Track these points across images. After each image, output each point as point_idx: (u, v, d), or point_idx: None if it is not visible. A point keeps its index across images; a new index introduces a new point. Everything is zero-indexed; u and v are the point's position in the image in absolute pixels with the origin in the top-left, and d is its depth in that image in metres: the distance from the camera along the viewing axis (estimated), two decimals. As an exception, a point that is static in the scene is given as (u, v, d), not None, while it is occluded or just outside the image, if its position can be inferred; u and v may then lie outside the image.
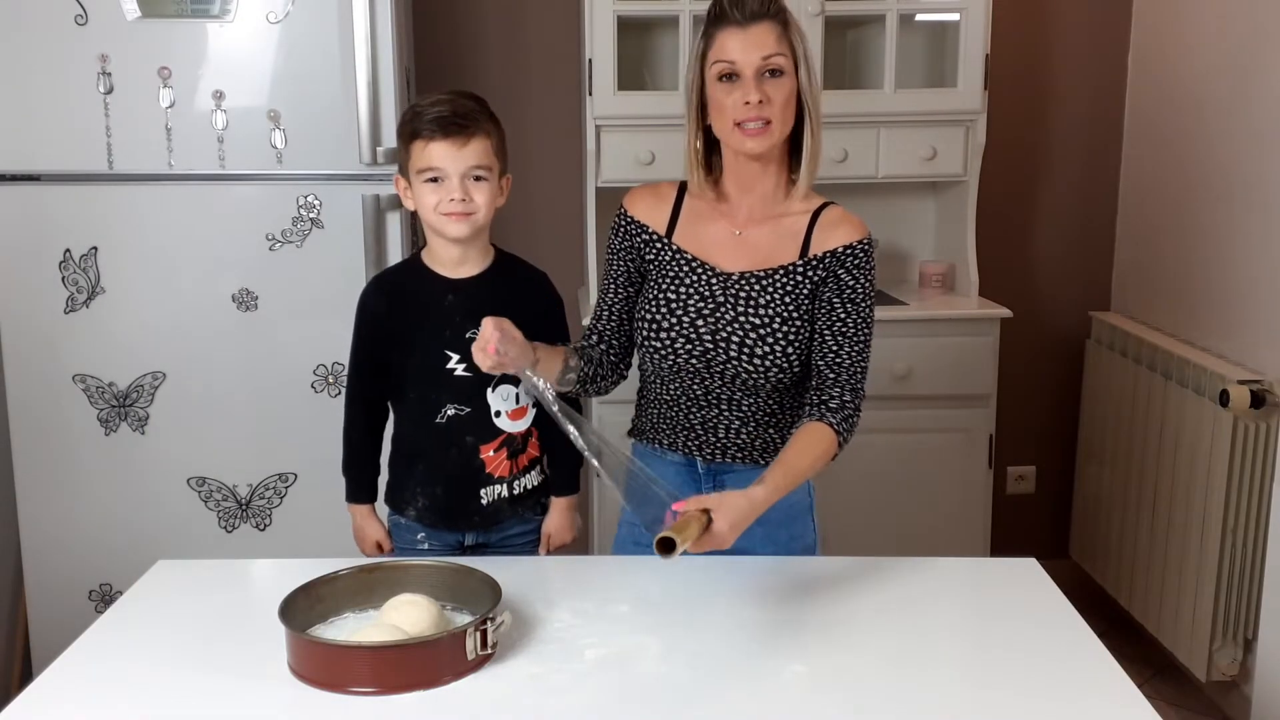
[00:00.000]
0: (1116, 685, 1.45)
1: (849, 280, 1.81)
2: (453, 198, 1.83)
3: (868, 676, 1.48)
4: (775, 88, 1.77)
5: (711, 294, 1.84)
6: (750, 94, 1.75)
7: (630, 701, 1.42)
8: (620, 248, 1.91)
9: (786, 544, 1.90)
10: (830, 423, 1.76)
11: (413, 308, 1.93)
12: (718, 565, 1.79)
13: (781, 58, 1.77)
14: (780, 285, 1.82)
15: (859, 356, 1.82)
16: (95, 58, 2.58)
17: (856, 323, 1.81)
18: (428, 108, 1.84)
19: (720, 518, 1.54)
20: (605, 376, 1.93)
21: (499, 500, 1.96)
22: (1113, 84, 3.39)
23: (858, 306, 1.82)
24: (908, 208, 3.41)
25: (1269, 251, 2.70)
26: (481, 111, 1.88)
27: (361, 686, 1.41)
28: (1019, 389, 3.43)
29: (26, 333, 2.67)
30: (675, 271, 1.86)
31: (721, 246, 1.86)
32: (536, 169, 3.25)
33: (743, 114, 1.76)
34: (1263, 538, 2.59)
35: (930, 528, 3.06)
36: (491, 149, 1.86)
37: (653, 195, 1.92)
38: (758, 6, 1.77)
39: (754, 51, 1.76)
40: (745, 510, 1.58)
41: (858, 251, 1.82)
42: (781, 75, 1.77)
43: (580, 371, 1.88)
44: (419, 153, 1.84)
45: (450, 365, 1.90)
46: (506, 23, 3.28)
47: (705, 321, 1.82)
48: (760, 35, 1.76)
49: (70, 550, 2.73)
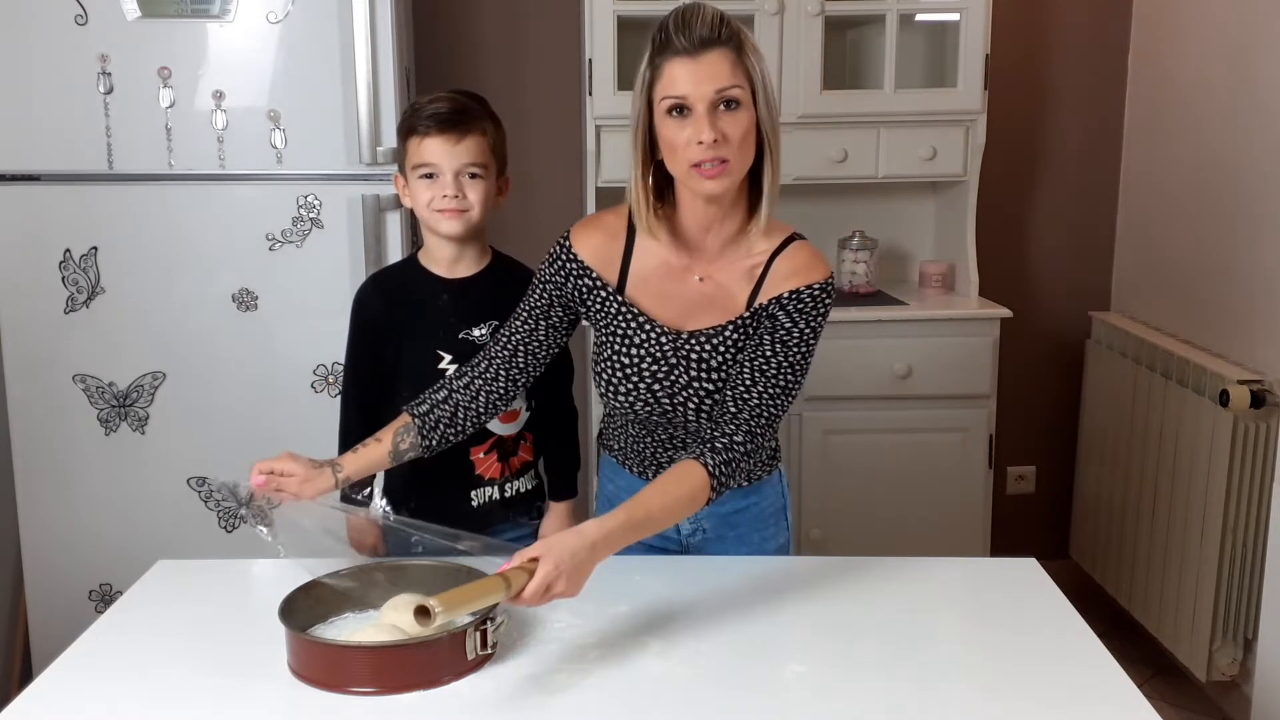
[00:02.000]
0: (1116, 685, 1.45)
1: (785, 322, 1.68)
2: (446, 194, 1.83)
3: (867, 676, 1.47)
4: (731, 122, 1.60)
5: (664, 355, 1.73)
6: (704, 132, 1.58)
7: (630, 701, 1.42)
8: (554, 282, 1.77)
9: (759, 545, 1.89)
10: (707, 464, 1.60)
11: (407, 306, 1.93)
12: (718, 565, 1.79)
13: (738, 89, 1.60)
14: (731, 342, 1.71)
15: (770, 400, 1.66)
16: (95, 58, 2.58)
17: (780, 365, 1.67)
18: (426, 104, 1.85)
19: (546, 560, 1.42)
20: (482, 413, 1.78)
21: (490, 503, 1.96)
22: (1113, 84, 3.39)
23: (787, 349, 1.68)
24: (908, 208, 3.41)
25: (1269, 251, 2.70)
26: (480, 110, 1.88)
27: (361, 686, 1.41)
28: (1019, 389, 3.43)
29: (26, 333, 2.67)
30: (625, 329, 1.74)
31: (674, 300, 1.74)
32: (536, 169, 3.25)
33: (698, 154, 1.60)
34: (1263, 538, 2.59)
35: (930, 528, 3.06)
36: (487, 146, 1.86)
37: (601, 233, 1.76)
38: (708, 32, 1.59)
39: (706, 84, 1.59)
40: (575, 546, 1.44)
41: (803, 296, 1.69)
42: (738, 107, 1.61)
43: (422, 446, 1.75)
44: (415, 148, 1.84)
45: (442, 365, 1.90)
46: (506, 23, 3.28)
47: (661, 385, 1.74)
48: (712, 65, 1.59)
49: (70, 550, 2.73)
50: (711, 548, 1.88)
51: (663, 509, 1.57)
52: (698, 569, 1.77)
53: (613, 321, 1.76)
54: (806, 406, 3.00)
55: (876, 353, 3.01)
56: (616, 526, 1.50)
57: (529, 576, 1.41)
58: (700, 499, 1.60)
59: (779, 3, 2.97)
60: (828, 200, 3.34)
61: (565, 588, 1.43)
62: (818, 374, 2.99)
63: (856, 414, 3.03)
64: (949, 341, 3.02)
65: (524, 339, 1.78)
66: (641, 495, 1.57)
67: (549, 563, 1.42)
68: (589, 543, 1.46)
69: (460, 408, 1.77)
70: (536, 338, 1.78)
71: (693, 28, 1.59)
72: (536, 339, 1.78)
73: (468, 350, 1.88)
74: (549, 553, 1.43)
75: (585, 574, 1.46)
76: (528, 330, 1.78)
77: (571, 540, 1.45)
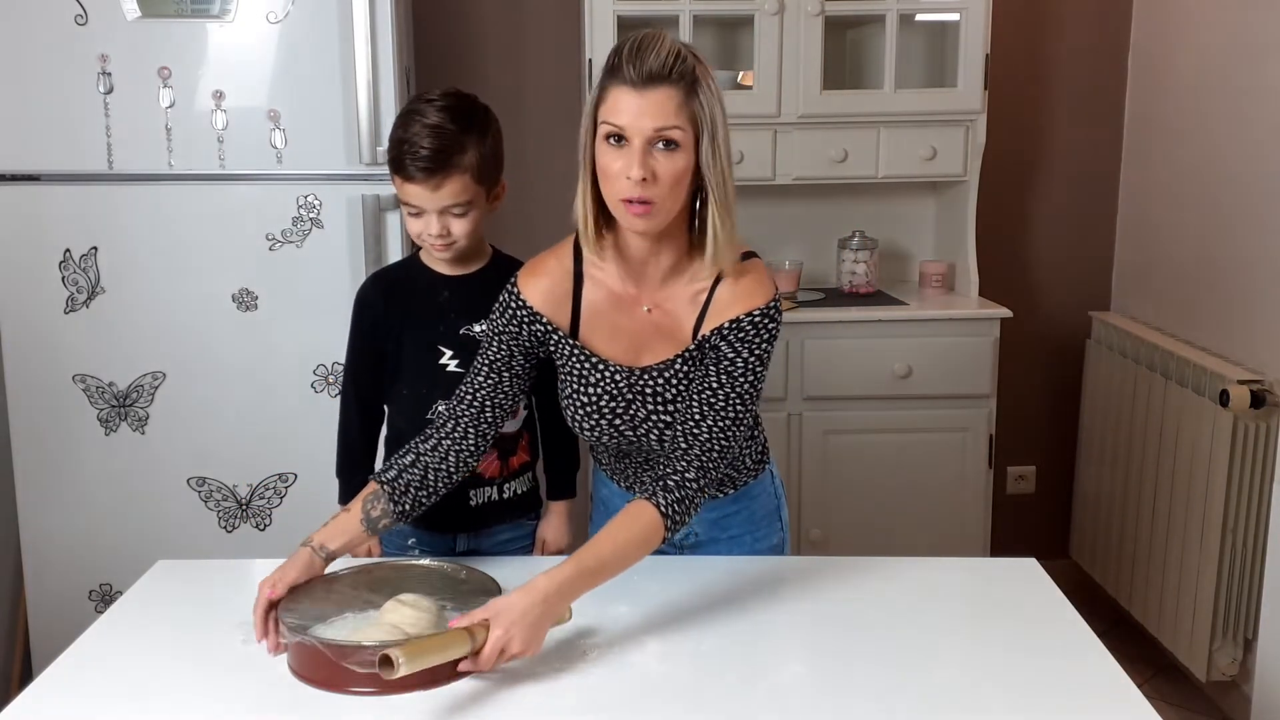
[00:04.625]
0: (1116, 685, 1.45)
1: (728, 352, 1.64)
2: (431, 231, 1.84)
3: (867, 677, 1.48)
4: (665, 163, 1.55)
5: (619, 392, 1.71)
6: (633, 168, 1.54)
7: (630, 701, 1.42)
8: (508, 332, 1.73)
9: (752, 546, 1.89)
10: (659, 504, 1.57)
11: (408, 303, 1.94)
12: (717, 566, 1.79)
13: (678, 130, 1.55)
14: (682, 375, 1.69)
15: (720, 433, 1.63)
16: (95, 58, 2.58)
17: (727, 396, 1.63)
18: (411, 138, 1.80)
19: (496, 625, 1.42)
20: (453, 472, 1.72)
21: (488, 502, 1.96)
22: (1113, 84, 3.39)
23: (733, 380, 1.64)
24: (908, 208, 3.41)
25: (1269, 251, 2.70)
26: (463, 138, 1.81)
27: (361, 686, 1.41)
28: (1019, 389, 3.43)
29: (26, 333, 2.67)
30: (581, 370, 1.73)
31: (625, 334, 1.72)
32: (536, 169, 3.25)
33: (625, 189, 1.56)
34: (1263, 538, 2.59)
35: (930, 527, 3.06)
36: (471, 181, 1.82)
37: (547, 277, 1.72)
38: (658, 67, 1.53)
39: (646, 119, 1.54)
40: (525, 604, 1.44)
41: (743, 325, 1.64)
42: (676, 149, 1.55)
43: (395, 511, 1.68)
44: (399, 185, 1.84)
45: (443, 361, 1.91)
46: (506, 22, 3.28)
47: (621, 419, 1.73)
48: (657, 102, 1.54)
49: (70, 550, 2.73)
50: (705, 551, 1.89)
51: (614, 554, 1.54)
52: (697, 569, 1.77)
53: (568, 363, 1.74)
54: (806, 406, 3.00)
55: (876, 353, 3.01)
56: (567, 578, 1.49)
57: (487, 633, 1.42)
58: (654, 539, 1.57)
59: (779, 3, 2.97)
60: (828, 200, 3.34)
61: (520, 648, 1.44)
62: (818, 374, 3.00)
63: (856, 414, 3.03)
64: (949, 341, 3.02)
65: (489, 393, 1.73)
66: (593, 541, 1.55)
67: (499, 628, 1.42)
68: (540, 598, 1.45)
69: (430, 470, 1.71)
70: (501, 389, 1.73)
71: (644, 60, 1.54)
72: (502, 391, 1.73)
73: (469, 346, 1.88)
74: (498, 617, 1.43)
75: (543, 630, 1.46)
76: (491, 385, 1.73)
77: (521, 599, 1.45)
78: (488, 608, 1.45)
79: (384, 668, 1.34)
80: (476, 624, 1.43)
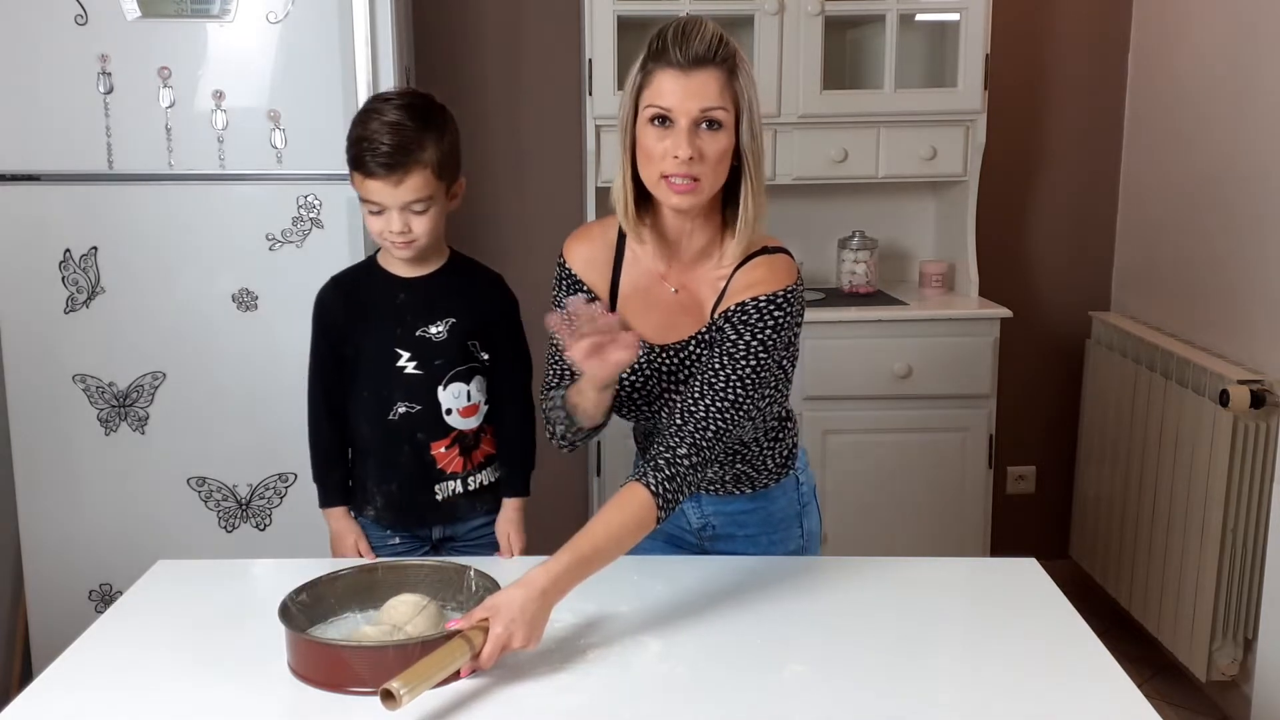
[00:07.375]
0: (1116, 685, 1.45)
1: (730, 334, 1.67)
2: (392, 229, 1.84)
3: (867, 676, 1.48)
4: (710, 142, 1.62)
5: (639, 368, 1.76)
6: (681, 147, 1.60)
7: (630, 701, 1.42)
8: None
9: (768, 548, 1.89)
10: (649, 484, 1.57)
11: (365, 306, 1.94)
12: (717, 566, 1.79)
13: (722, 111, 1.62)
14: (695, 356, 1.73)
15: (718, 415, 1.63)
16: (95, 58, 2.58)
17: (728, 379, 1.64)
18: (370, 135, 1.80)
19: (496, 621, 1.43)
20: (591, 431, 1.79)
21: (455, 496, 1.97)
22: (1113, 84, 3.39)
23: (734, 362, 1.65)
24: (908, 208, 3.41)
25: (1269, 251, 2.70)
26: (422, 136, 1.81)
27: (361, 686, 1.41)
28: (1019, 389, 3.43)
29: (26, 333, 2.67)
30: None
31: (654, 311, 1.76)
32: (536, 169, 3.25)
33: (671, 167, 1.61)
34: (1263, 538, 2.59)
35: (930, 527, 3.06)
36: (432, 176, 1.82)
37: (589, 244, 1.80)
38: (704, 50, 1.60)
39: (692, 100, 1.60)
40: (523, 598, 1.44)
41: (748, 309, 1.66)
42: (719, 129, 1.62)
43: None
44: (359, 183, 1.84)
45: (401, 363, 1.91)
46: (506, 23, 3.28)
47: (639, 394, 1.77)
48: (702, 83, 1.60)
49: (70, 550, 2.73)
50: (723, 544, 1.90)
51: (609, 539, 1.54)
52: (697, 569, 1.78)
53: None
54: (806, 406, 3.00)
55: (876, 353, 3.01)
56: (563, 568, 1.49)
57: (485, 635, 1.42)
58: (648, 521, 1.57)
59: (779, 3, 2.97)
60: (828, 200, 3.34)
61: (521, 643, 1.44)
62: (818, 374, 3.00)
63: (856, 414, 3.03)
64: (949, 341, 3.02)
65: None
66: (587, 528, 1.55)
67: (498, 624, 1.43)
68: (538, 591, 1.46)
69: None
70: None
71: (690, 43, 1.60)
72: None
73: (426, 348, 1.89)
74: (498, 614, 1.43)
75: (541, 622, 1.47)
76: None
77: (518, 594, 1.45)
78: (486, 605, 1.46)
79: (386, 701, 1.32)
80: (474, 626, 1.43)
